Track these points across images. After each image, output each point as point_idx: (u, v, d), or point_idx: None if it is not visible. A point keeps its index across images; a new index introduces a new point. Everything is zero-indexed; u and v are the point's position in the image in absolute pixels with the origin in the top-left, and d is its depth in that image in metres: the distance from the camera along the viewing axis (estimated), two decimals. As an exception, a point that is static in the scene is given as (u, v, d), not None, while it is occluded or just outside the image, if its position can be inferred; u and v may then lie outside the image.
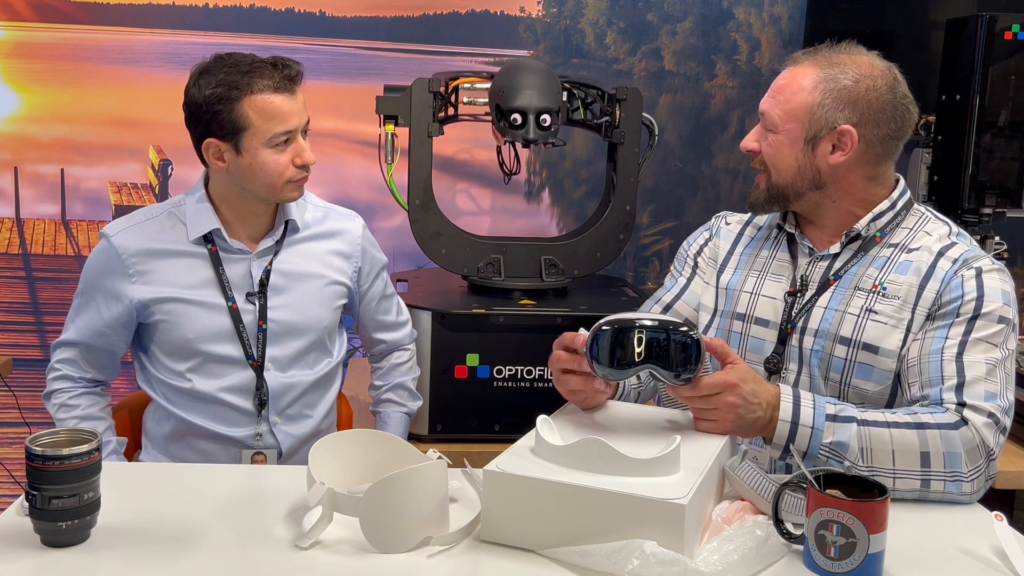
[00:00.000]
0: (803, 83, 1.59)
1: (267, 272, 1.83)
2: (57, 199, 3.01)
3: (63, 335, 1.84)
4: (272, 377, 1.83)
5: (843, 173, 1.60)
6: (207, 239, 1.80)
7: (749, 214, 1.82)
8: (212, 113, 1.70)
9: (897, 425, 1.42)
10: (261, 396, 1.82)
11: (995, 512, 1.33)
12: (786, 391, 1.44)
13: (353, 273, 1.94)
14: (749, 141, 1.66)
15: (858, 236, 1.63)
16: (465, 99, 2.23)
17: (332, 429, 1.99)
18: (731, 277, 1.75)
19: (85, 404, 1.83)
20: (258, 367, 1.81)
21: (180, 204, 1.84)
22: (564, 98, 2.19)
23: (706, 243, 1.83)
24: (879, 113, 1.57)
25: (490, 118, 2.21)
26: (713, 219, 1.87)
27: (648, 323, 1.35)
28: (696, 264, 1.82)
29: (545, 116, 2.11)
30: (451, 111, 2.24)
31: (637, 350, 1.34)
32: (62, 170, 2.99)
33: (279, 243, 1.85)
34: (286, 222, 1.85)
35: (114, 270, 1.78)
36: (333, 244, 1.92)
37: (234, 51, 1.76)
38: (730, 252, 1.79)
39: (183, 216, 1.82)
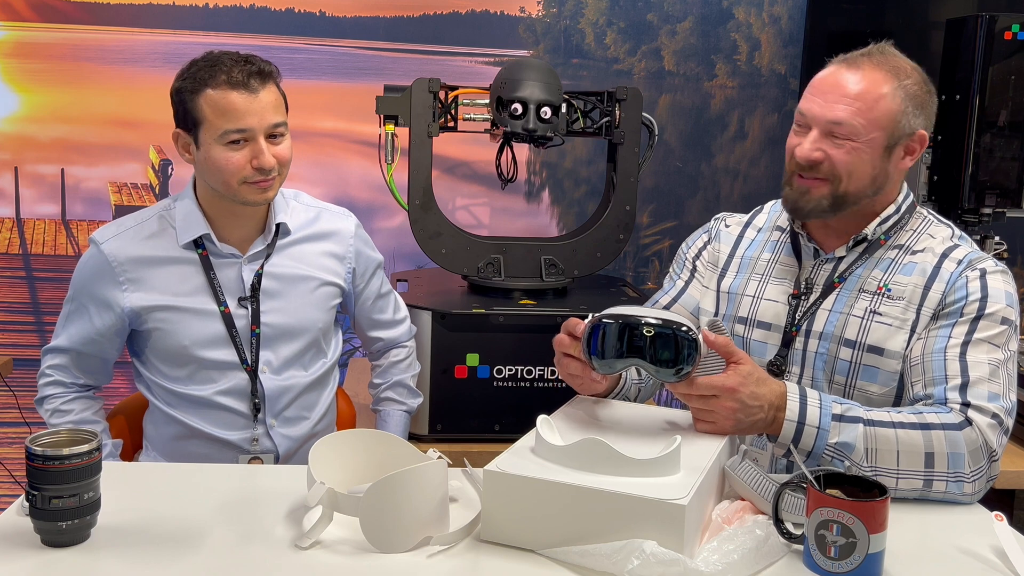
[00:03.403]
0: (882, 90, 1.53)
1: (259, 276, 1.81)
2: (57, 199, 3.01)
3: (54, 341, 1.83)
4: (267, 380, 1.82)
5: (898, 176, 1.60)
6: (197, 243, 1.79)
7: (748, 215, 1.82)
8: (177, 104, 1.71)
9: (903, 425, 1.41)
10: (256, 400, 1.81)
11: (995, 512, 1.33)
12: (792, 389, 1.44)
13: (347, 275, 1.92)
14: (811, 151, 1.55)
15: (864, 239, 1.63)
16: (464, 116, 2.23)
17: (331, 429, 1.98)
18: (732, 281, 1.75)
19: (79, 409, 1.82)
20: (252, 371, 1.81)
21: (170, 208, 1.82)
22: (564, 109, 2.19)
23: (705, 246, 1.82)
24: (932, 115, 1.59)
25: (489, 133, 2.20)
26: (712, 221, 1.86)
27: (646, 319, 1.34)
28: (695, 267, 1.82)
29: (546, 108, 2.11)
30: (451, 122, 2.24)
31: (629, 345, 1.34)
32: (62, 170, 2.99)
33: (270, 246, 1.83)
34: (277, 225, 1.83)
35: (104, 278, 1.76)
36: (326, 246, 1.90)
37: (228, 50, 1.75)
38: (731, 256, 1.78)
39: (172, 220, 1.80)
